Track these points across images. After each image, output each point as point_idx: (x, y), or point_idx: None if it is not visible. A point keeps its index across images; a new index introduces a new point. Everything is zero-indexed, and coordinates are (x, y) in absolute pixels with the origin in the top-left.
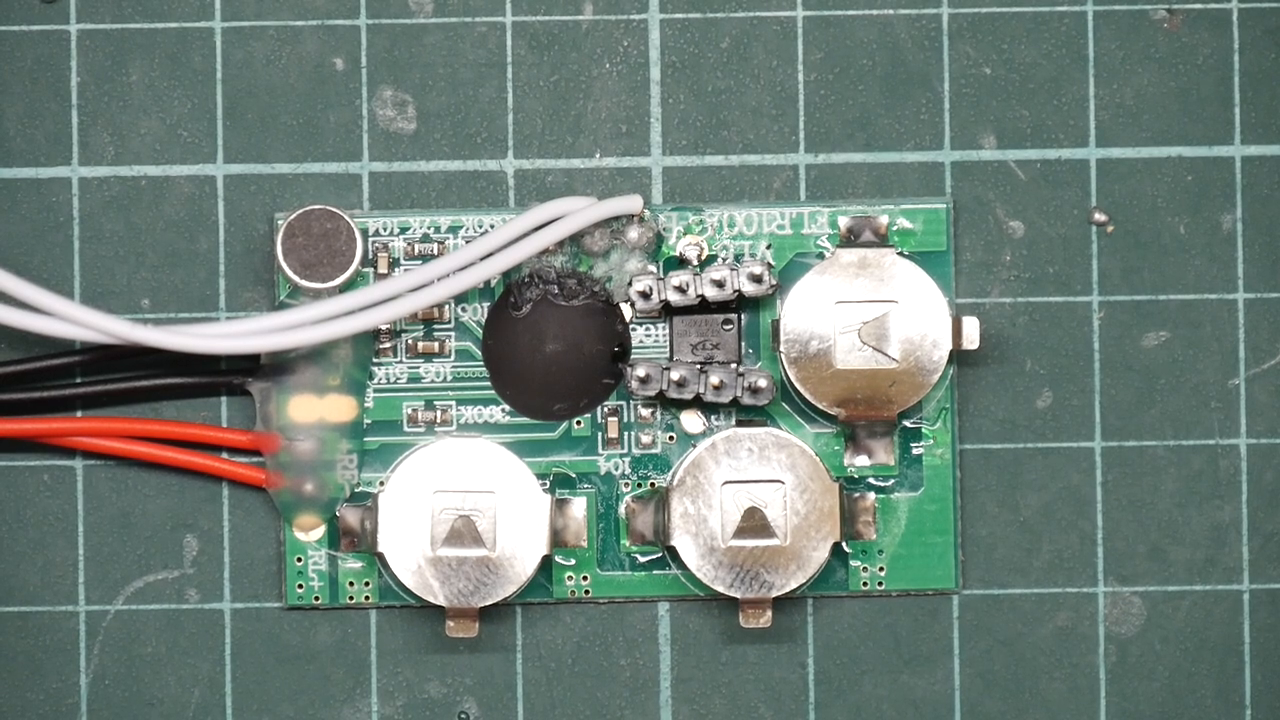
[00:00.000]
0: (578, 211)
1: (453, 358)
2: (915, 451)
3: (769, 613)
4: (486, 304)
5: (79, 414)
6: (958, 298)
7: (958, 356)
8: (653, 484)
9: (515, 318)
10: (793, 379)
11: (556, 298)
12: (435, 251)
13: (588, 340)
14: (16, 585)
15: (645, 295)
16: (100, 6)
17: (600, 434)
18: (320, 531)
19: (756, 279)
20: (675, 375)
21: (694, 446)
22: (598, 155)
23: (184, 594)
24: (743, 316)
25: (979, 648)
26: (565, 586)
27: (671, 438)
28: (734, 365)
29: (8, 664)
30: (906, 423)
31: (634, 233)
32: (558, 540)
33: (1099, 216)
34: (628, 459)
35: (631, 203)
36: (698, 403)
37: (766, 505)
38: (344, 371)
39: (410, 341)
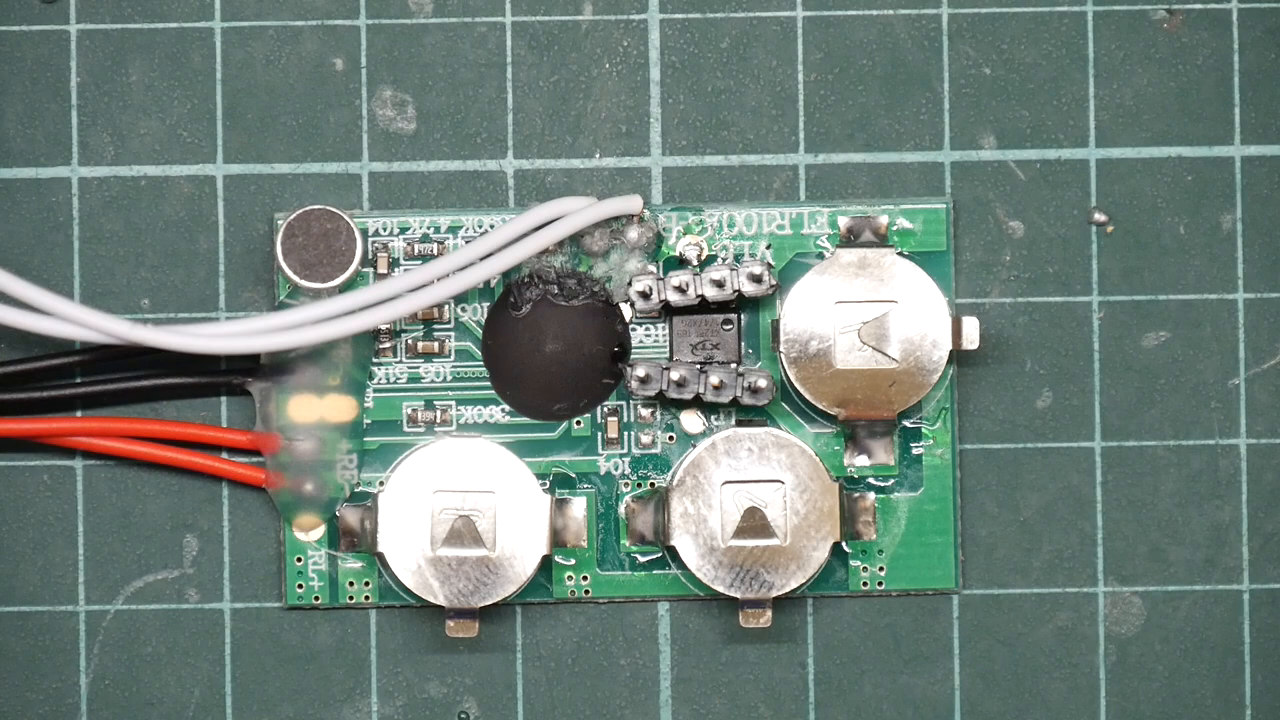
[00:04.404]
0: (577, 211)
1: (453, 358)
2: (915, 451)
3: (769, 613)
4: (486, 304)
5: (79, 414)
6: (958, 298)
7: (958, 356)
8: (653, 484)
9: (515, 318)
10: (793, 379)
11: (556, 298)
12: (435, 251)
13: (588, 340)
14: (16, 585)
15: (645, 295)
16: (100, 6)
17: (600, 434)
18: (320, 531)
19: (756, 279)
20: (675, 375)
21: (694, 446)
22: (598, 155)
23: (184, 594)
24: (743, 316)
25: (979, 648)
26: (565, 586)
27: (671, 438)
28: (734, 365)
29: (8, 664)
30: (906, 423)
31: (634, 233)
32: (558, 540)
33: (1099, 216)
34: (627, 459)
35: (631, 203)
36: (698, 403)
37: (766, 505)
38: (344, 371)
39: (410, 341)
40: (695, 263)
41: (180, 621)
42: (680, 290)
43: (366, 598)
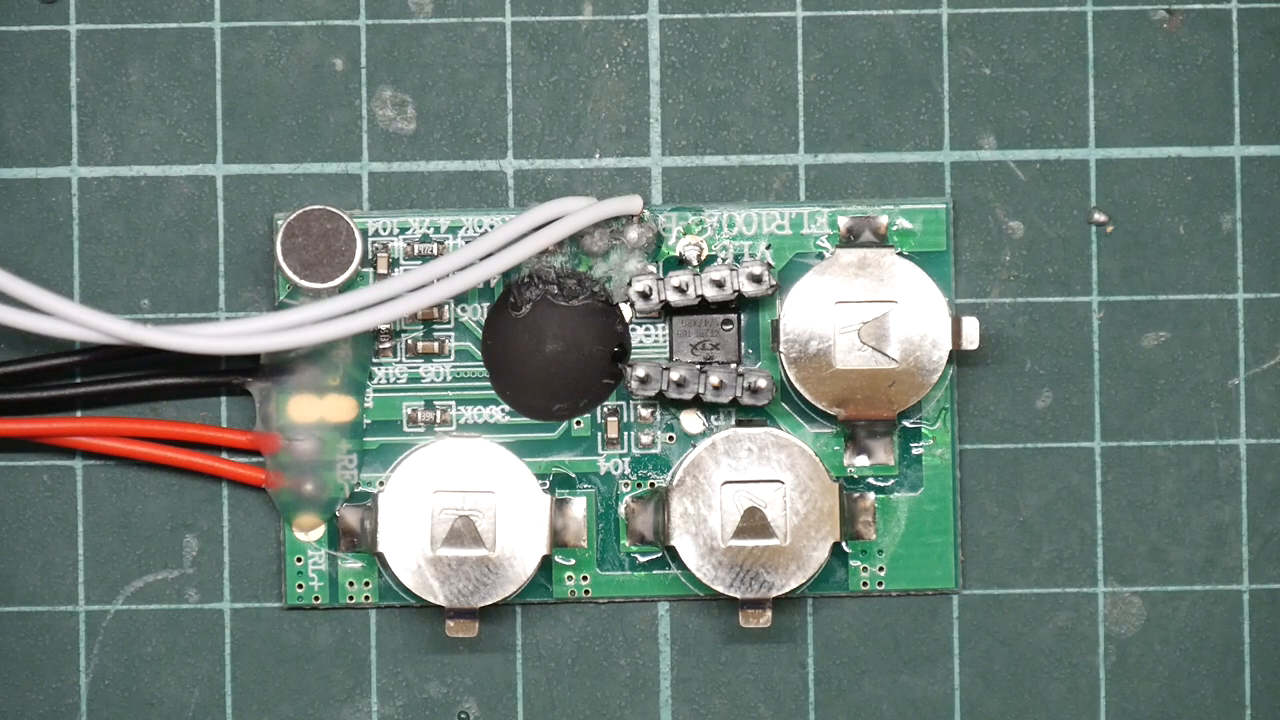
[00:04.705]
0: (577, 211)
1: (453, 358)
2: (915, 451)
3: (769, 613)
4: (486, 304)
5: (79, 414)
6: (957, 298)
7: (957, 356)
8: (652, 484)
9: (515, 318)
10: (792, 379)
11: (556, 298)
12: (435, 251)
13: (588, 340)
14: (16, 585)
15: (645, 295)
16: (100, 6)
17: (600, 434)
18: (320, 531)
19: (756, 279)
20: (675, 375)
21: (694, 446)
22: (597, 155)
23: (184, 594)
24: (742, 316)
25: (979, 648)
26: (565, 586)
27: (671, 438)
28: (734, 365)
29: (8, 664)
30: (906, 423)
31: (634, 233)
32: (558, 540)
33: (1099, 216)
34: (627, 459)
35: (631, 203)
36: (697, 403)
37: (766, 505)
38: (344, 371)
39: (410, 341)
40: (695, 263)
41: (180, 621)
42: (680, 290)
43: (366, 598)
